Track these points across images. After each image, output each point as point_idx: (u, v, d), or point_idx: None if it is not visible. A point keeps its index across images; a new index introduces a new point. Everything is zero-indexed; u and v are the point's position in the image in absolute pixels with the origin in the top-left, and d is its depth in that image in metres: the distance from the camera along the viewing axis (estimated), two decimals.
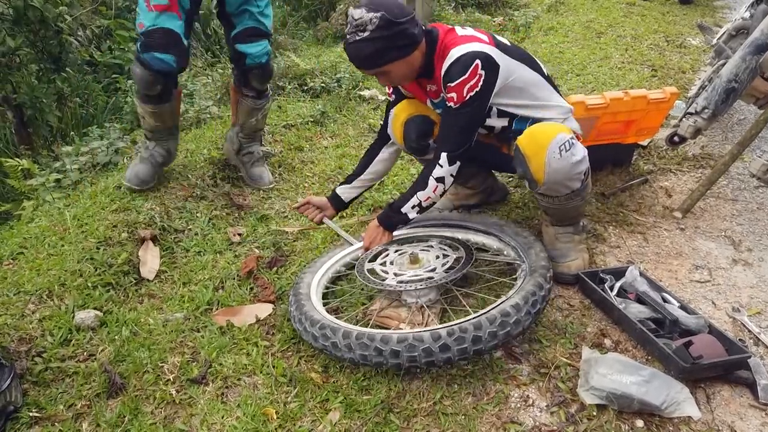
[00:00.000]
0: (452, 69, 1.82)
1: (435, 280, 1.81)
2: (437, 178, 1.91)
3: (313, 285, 1.97)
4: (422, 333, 1.54)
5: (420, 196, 1.94)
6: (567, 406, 1.54)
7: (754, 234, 2.30)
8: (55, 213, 2.62)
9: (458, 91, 1.82)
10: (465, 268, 1.85)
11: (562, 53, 4.89)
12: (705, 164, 2.87)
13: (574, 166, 1.80)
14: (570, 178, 1.83)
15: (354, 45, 1.80)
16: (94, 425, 1.57)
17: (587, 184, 1.94)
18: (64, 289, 2.06)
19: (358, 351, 1.57)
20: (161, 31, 2.38)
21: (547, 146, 1.77)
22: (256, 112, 2.92)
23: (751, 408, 1.52)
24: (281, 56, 4.95)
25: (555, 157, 1.77)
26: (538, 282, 1.70)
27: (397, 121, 2.14)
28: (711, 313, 1.88)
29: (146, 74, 2.47)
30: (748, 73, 2.24)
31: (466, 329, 1.53)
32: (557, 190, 1.87)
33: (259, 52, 2.68)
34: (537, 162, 1.79)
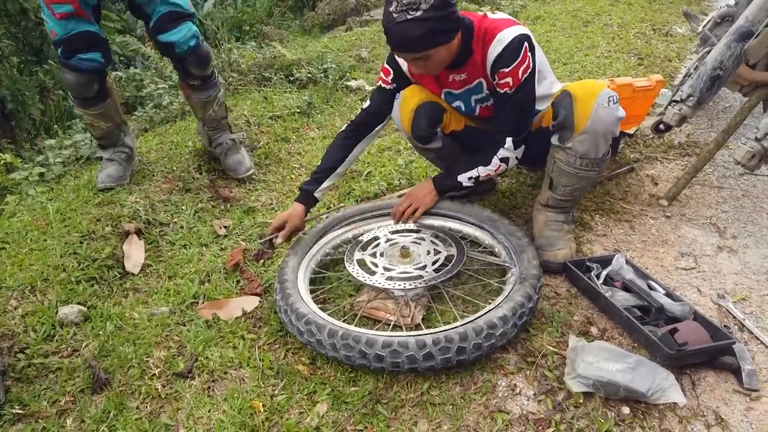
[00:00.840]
0: (505, 54, 1.80)
1: (424, 280, 1.80)
2: (502, 158, 1.96)
3: (301, 272, 1.95)
4: (408, 339, 1.54)
5: (480, 171, 1.99)
6: (554, 394, 1.54)
7: (738, 221, 2.32)
8: (37, 207, 2.59)
9: (514, 75, 1.82)
10: (455, 269, 1.83)
11: (549, 42, 4.89)
12: (691, 152, 2.88)
13: (615, 122, 1.84)
14: (606, 134, 1.85)
15: (403, 24, 1.66)
16: (79, 421, 1.55)
17: (607, 158, 1.96)
18: (47, 284, 2.03)
19: (342, 351, 1.58)
20: (77, 36, 2.36)
21: (599, 93, 1.81)
22: (211, 104, 2.82)
23: (736, 393, 1.53)
24: (267, 46, 4.90)
25: (603, 105, 1.80)
26: (528, 293, 1.68)
27: (407, 106, 2.07)
28: (696, 300, 1.89)
29: (78, 77, 2.44)
30: (732, 60, 2.24)
31: (452, 339, 1.53)
32: (587, 146, 1.86)
33: (184, 38, 2.49)
34: (584, 106, 1.80)
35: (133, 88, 4.53)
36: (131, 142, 2.85)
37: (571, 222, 2.13)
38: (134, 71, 4.66)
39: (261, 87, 4.32)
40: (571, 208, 2.11)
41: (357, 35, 5.89)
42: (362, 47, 5.33)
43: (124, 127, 2.82)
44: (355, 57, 5.05)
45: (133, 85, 4.54)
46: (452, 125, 2.15)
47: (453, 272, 1.83)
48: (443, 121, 2.11)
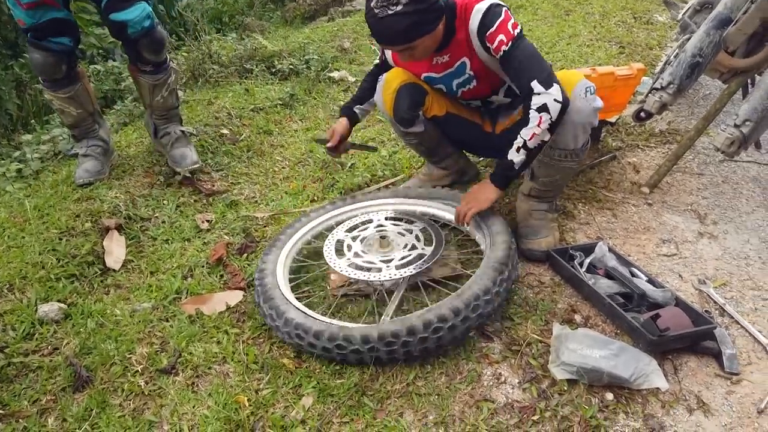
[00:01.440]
0: (486, 18, 1.80)
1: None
2: (539, 107, 1.71)
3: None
4: (352, 332, 1.55)
5: (523, 134, 1.74)
6: (539, 382, 1.55)
7: (719, 207, 2.34)
8: (15, 204, 2.54)
9: (503, 30, 1.79)
10: (411, 272, 1.78)
11: (531, 31, 4.89)
12: (672, 139, 2.90)
13: (592, 113, 1.82)
14: (584, 123, 1.83)
15: (385, 20, 1.68)
16: (61, 420, 1.53)
17: (586, 148, 1.95)
18: (25, 282, 2.00)
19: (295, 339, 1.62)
20: (46, 23, 2.31)
21: (576, 83, 1.79)
22: (159, 89, 2.67)
23: (717, 377, 1.56)
24: (248, 38, 4.84)
25: (581, 95, 1.79)
26: (485, 286, 1.62)
27: (389, 88, 2.09)
28: (678, 286, 1.91)
29: (47, 56, 2.39)
30: (712, 47, 2.26)
31: (398, 334, 1.53)
32: (566, 137, 1.85)
33: (138, 17, 2.36)
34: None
35: (111, 82, 4.46)
36: (107, 135, 2.80)
37: (555, 211, 2.14)
38: (113, 64, 4.59)
39: (242, 79, 4.27)
40: (554, 197, 2.11)
41: (339, 26, 5.84)
42: (344, 38, 5.29)
43: (98, 118, 2.75)
44: (337, 48, 5.01)
45: (111, 79, 4.47)
46: (434, 109, 2.14)
47: (406, 275, 1.78)
48: (425, 103, 2.11)
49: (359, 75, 4.35)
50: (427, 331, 1.52)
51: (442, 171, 2.48)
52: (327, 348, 1.57)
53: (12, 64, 4.88)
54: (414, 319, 1.53)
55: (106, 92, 4.51)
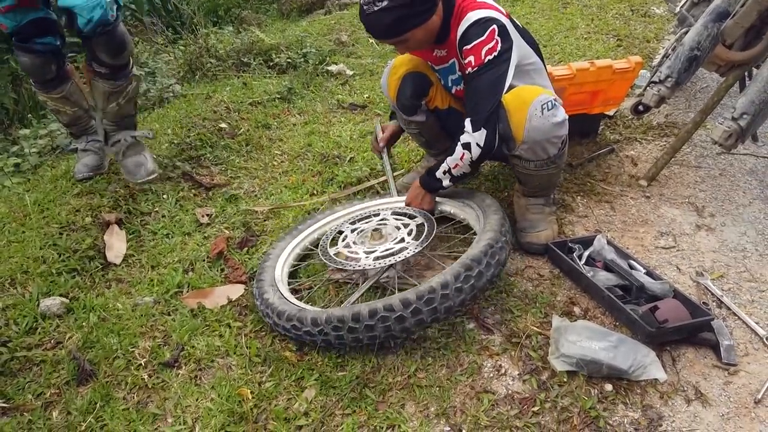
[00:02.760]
0: (469, 31, 1.79)
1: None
2: (463, 144, 1.82)
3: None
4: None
5: (449, 162, 1.88)
6: (538, 374, 1.57)
7: (716, 200, 2.36)
8: (14, 198, 2.54)
9: (476, 53, 1.78)
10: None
11: (528, 24, 4.88)
12: (669, 132, 2.91)
13: (554, 127, 1.79)
14: (548, 139, 1.81)
15: (373, 15, 1.73)
16: (65, 413, 1.54)
17: (563, 153, 1.94)
18: (27, 277, 2.00)
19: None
20: (27, 25, 2.26)
21: (531, 102, 1.77)
22: (116, 96, 2.45)
23: (715, 368, 1.57)
24: (245, 31, 4.83)
25: (536, 114, 1.76)
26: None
27: (395, 74, 2.10)
28: (676, 278, 1.93)
29: (34, 58, 2.34)
30: (710, 40, 2.26)
31: (343, 319, 1.55)
32: (534, 152, 1.86)
33: (86, 4, 2.10)
34: (518, 117, 1.78)
35: None
36: (102, 128, 2.74)
37: (552, 204, 2.15)
38: None
39: (240, 73, 4.27)
40: (549, 192, 2.12)
41: (336, 19, 5.83)
42: (342, 31, 5.28)
43: (91, 111, 2.67)
44: (334, 41, 5.00)
45: None
46: (437, 101, 2.15)
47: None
48: (429, 94, 2.11)
49: (357, 68, 4.35)
50: (373, 319, 1.52)
51: None
52: (285, 327, 1.65)
53: (8, 58, 4.85)
54: (362, 307, 1.55)
55: None
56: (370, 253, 1.86)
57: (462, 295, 1.58)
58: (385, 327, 1.54)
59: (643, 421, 1.42)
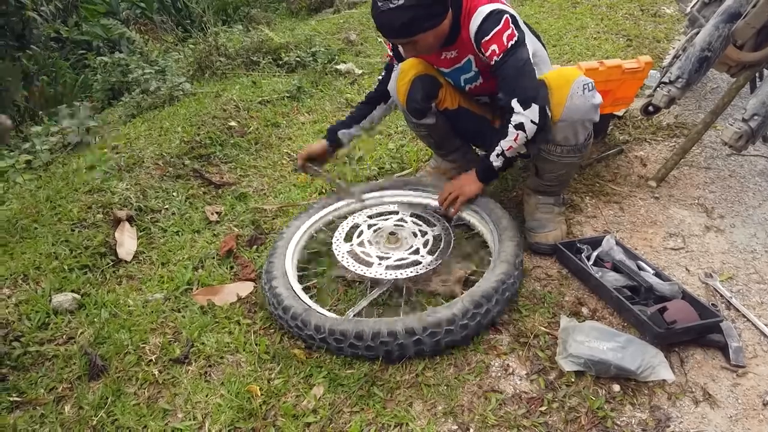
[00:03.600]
0: (485, 24, 1.80)
1: (423, 266, 1.79)
2: (516, 125, 1.81)
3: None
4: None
5: (503, 145, 1.87)
6: (546, 374, 1.57)
7: (726, 201, 2.35)
8: (26, 195, 2.57)
9: (497, 41, 1.79)
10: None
11: (538, 24, 4.87)
12: (679, 133, 2.90)
13: (591, 109, 1.81)
14: (583, 121, 1.83)
15: (387, 13, 1.72)
16: (77, 408, 1.56)
17: (588, 144, 1.95)
18: (39, 273, 2.03)
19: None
20: None
21: (573, 81, 1.78)
22: None
23: (723, 370, 1.57)
24: (254, 30, 4.85)
25: (578, 93, 1.78)
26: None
27: (404, 78, 2.08)
28: (684, 280, 1.92)
29: None
30: (721, 41, 2.25)
31: (331, 330, 1.60)
32: (566, 134, 1.86)
33: None
34: (559, 94, 1.79)
35: (118, 74, 4.48)
36: None
37: (561, 204, 2.15)
38: (119, 56, 4.60)
39: (249, 71, 4.29)
40: (560, 191, 2.12)
41: (345, 18, 5.84)
42: (351, 30, 5.29)
43: None
44: (343, 40, 5.01)
45: (118, 71, 4.49)
46: (446, 102, 2.15)
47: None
48: (438, 96, 2.11)
49: (366, 67, 4.35)
50: (375, 341, 1.56)
51: (450, 164, 2.50)
52: (290, 324, 1.69)
53: (19, 56, 4.89)
54: (365, 326, 1.57)
55: (113, 84, 4.53)
56: (383, 258, 1.87)
57: (466, 331, 1.61)
58: (385, 350, 1.58)
59: (650, 421, 1.42)
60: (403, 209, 2.13)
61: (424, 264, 1.80)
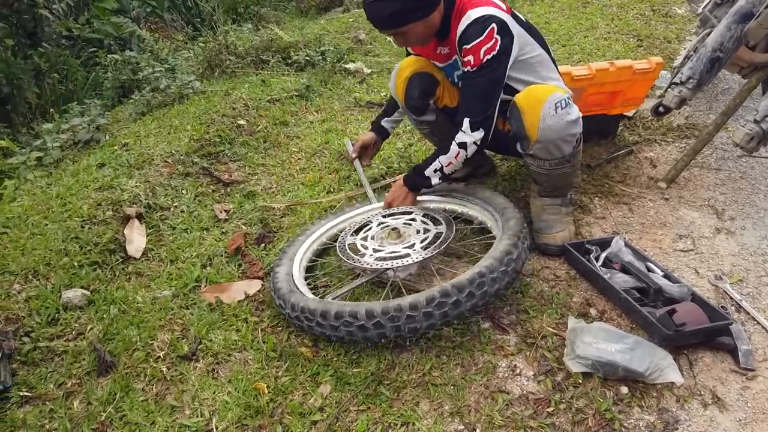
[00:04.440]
0: (468, 30, 1.80)
1: (411, 258, 1.78)
2: (459, 143, 1.87)
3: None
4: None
5: (442, 161, 1.92)
6: (553, 375, 1.56)
7: (737, 203, 2.33)
8: (37, 192, 2.59)
9: (474, 53, 1.79)
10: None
11: (548, 24, 4.86)
12: (690, 134, 2.88)
13: (568, 125, 1.79)
14: (563, 138, 1.81)
15: (375, 4, 1.76)
16: (86, 403, 1.57)
17: (578, 152, 1.93)
18: (49, 269, 2.04)
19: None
20: None
21: (544, 101, 1.76)
22: None
23: (732, 373, 1.56)
24: (264, 29, 4.86)
25: (550, 113, 1.76)
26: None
27: (401, 76, 2.11)
28: (694, 282, 1.91)
29: None
30: (733, 42, 2.24)
31: (313, 311, 1.63)
32: (549, 151, 1.85)
33: None
34: (532, 116, 1.78)
35: (129, 72, 4.50)
36: None
37: (569, 204, 2.14)
38: (130, 54, 4.63)
39: (258, 70, 4.30)
40: (565, 193, 2.11)
41: (354, 17, 5.84)
42: (360, 29, 5.29)
43: None
44: (352, 39, 5.02)
45: (129, 69, 4.51)
46: (445, 99, 2.16)
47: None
48: (436, 93, 2.12)
49: (375, 66, 4.36)
50: (339, 321, 1.58)
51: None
52: (285, 309, 1.74)
53: (31, 54, 4.93)
54: (321, 304, 1.62)
55: (123, 82, 4.56)
56: (376, 251, 1.87)
57: (431, 320, 1.56)
58: (347, 331, 1.59)
59: (658, 424, 1.42)
60: (416, 210, 2.11)
61: (412, 257, 1.79)
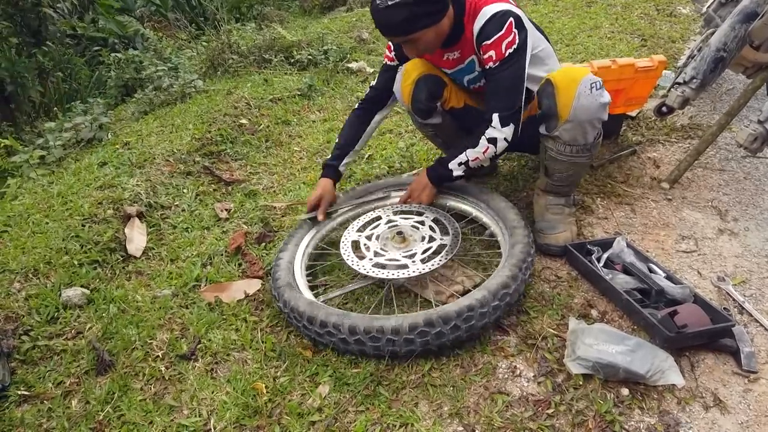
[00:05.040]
0: (487, 26, 1.78)
1: (408, 271, 1.76)
2: (489, 138, 1.84)
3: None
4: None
5: (469, 154, 1.89)
6: (554, 376, 1.55)
7: (740, 204, 2.31)
8: (39, 190, 2.59)
9: (496, 48, 1.78)
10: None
11: (552, 23, 4.84)
12: (693, 135, 2.86)
13: (600, 108, 1.79)
14: (591, 120, 1.81)
15: (385, 11, 1.71)
16: (84, 402, 1.57)
17: (598, 143, 1.93)
18: (49, 267, 2.04)
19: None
20: None
21: (580, 80, 1.77)
22: None
23: (734, 375, 1.55)
24: (266, 28, 4.86)
25: (585, 93, 1.76)
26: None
27: (408, 78, 2.06)
28: (696, 283, 1.90)
29: None
30: (737, 42, 2.22)
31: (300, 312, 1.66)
32: (574, 134, 1.84)
33: None
34: (567, 95, 1.78)
35: (132, 70, 4.51)
36: None
37: (572, 205, 2.13)
38: (133, 53, 4.63)
39: (261, 69, 4.30)
40: (571, 191, 2.10)
41: (358, 16, 5.84)
42: (363, 28, 5.28)
43: None
44: (355, 38, 5.01)
45: (132, 67, 4.52)
46: (452, 101, 2.14)
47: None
48: (443, 95, 2.09)
49: (377, 66, 4.34)
50: (324, 329, 1.60)
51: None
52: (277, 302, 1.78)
53: (35, 52, 4.94)
54: (316, 310, 1.64)
55: (126, 81, 4.56)
56: (377, 255, 1.86)
57: (393, 347, 1.57)
58: (331, 341, 1.62)
59: (659, 426, 1.40)
60: (429, 211, 2.08)
61: (409, 271, 1.76)
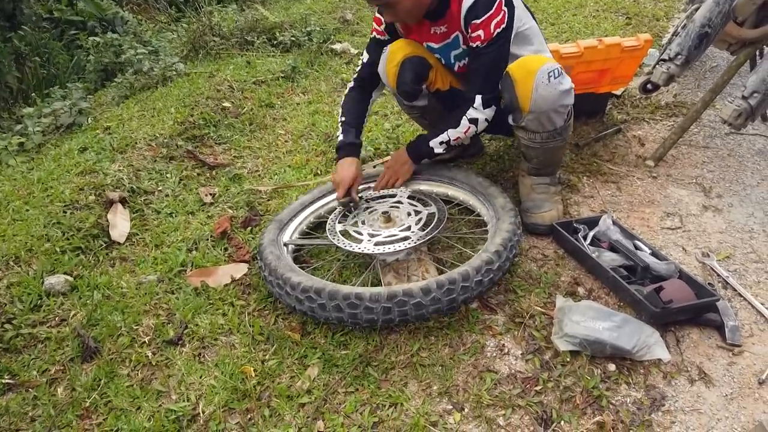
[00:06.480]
0: (478, 4, 1.77)
1: (412, 241, 1.77)
2: (471, 119, 1.89)
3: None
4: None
5: (450, 134, 1.93)
6: (541, 354, 1.56)
7: (724, 180, 2.33)
8: (18, 177, 2.54)
9: (485, 27, 1.78)
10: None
11: (536, 1, 4.81)
12: (678, 112, 2.87)
13: (561, 95, 1.78)
14: (555, 108, 1.80)
15: None
16: (70, 389, 1.55)
17: (569, 125, 1.92)
18: (31, 255, 2.01)
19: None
20: None
21: (537, 71, 1.75)
22: None
23: (719, 349, 1.57)
24: (248, 9, 4.78)
25: (543, 83, 1.75)
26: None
27: (393, 60, 2.02)
28: (681, 259, 1.91)
29: None
30: (721, 17, 2.22)
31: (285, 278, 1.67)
32: (541, 123, 1.84)
33: None
34: (524, 87, 1.76)
35: (111, 54, 4.41)
36: None
37: (558, 184, 2.13)
38: (112, 36, 4.53)
39: (243, 51, 4.24)
40: (554, 171, 2.10)
41: None
42: (347, 9, 5.22)
43: None
44: (339, 19, 4.95)
45: (111, 51, 4.42)
46: (438, 83, 2.11)
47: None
48: (429, 77, 2.07)
49: (361, 47, 4.30)
50: (304, 295, 1.61)
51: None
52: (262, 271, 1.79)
53: (11, 36, 4.82)
54: (295, 276, 1.66)
55: (105, 65, 4.47)
56: (373, 236, 1.85)
57: (371, 315, 1.56)
58: (310, 307, 1.62)
59: (645, 400, 1.42)
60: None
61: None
